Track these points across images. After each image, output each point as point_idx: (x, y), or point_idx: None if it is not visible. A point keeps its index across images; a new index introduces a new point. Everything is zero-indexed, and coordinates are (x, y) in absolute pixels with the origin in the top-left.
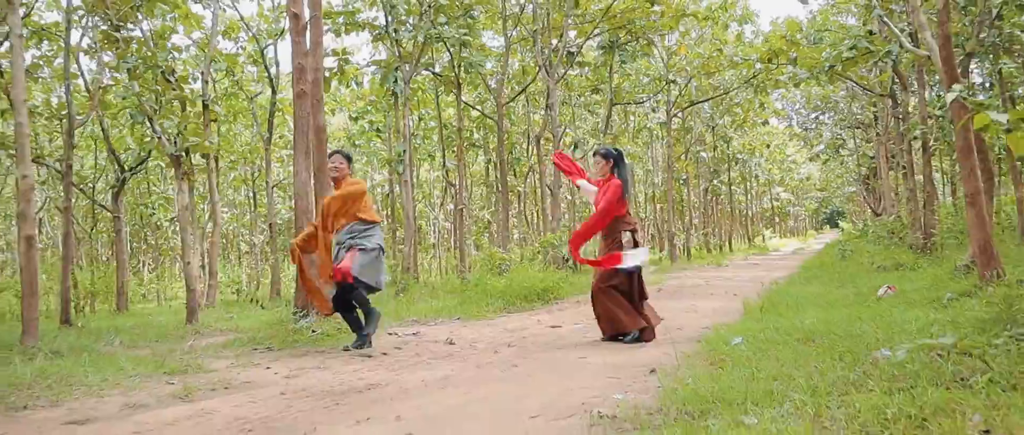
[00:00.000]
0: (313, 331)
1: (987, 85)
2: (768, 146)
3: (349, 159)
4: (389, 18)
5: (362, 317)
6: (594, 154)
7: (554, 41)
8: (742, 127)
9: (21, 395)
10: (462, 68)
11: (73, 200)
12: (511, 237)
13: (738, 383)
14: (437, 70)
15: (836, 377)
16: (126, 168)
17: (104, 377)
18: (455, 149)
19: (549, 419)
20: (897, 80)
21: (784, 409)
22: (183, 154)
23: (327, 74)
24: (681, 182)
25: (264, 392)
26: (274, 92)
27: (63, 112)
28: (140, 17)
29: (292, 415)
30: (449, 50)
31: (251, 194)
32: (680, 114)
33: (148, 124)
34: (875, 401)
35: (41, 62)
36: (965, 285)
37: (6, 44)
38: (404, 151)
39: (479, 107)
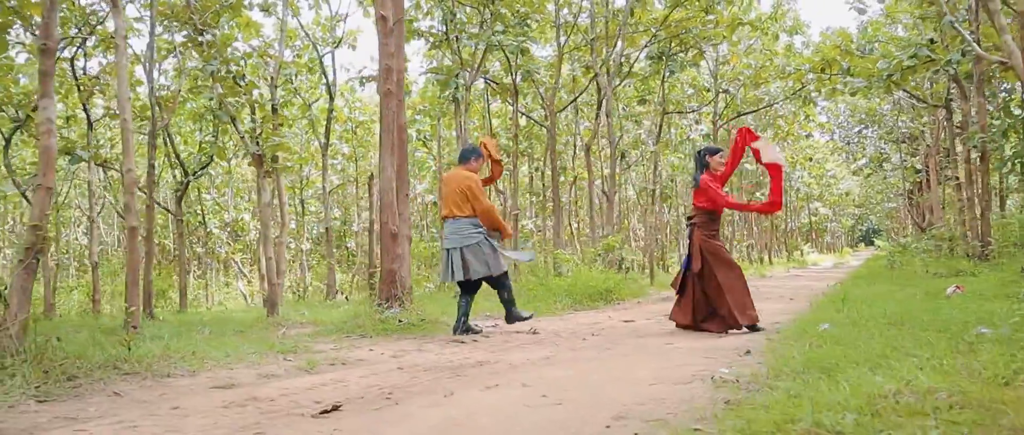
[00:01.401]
0: (400, 321)
1: None
2: (810, 159)
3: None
4: (445, 26)
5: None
6: (719, 152)
7: (606, 50)
8: (785, 140)
9: (160, 366)
10: (519, 76)
11: (135, 204)
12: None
13: (849, 352)
14: (491, 78)
15: (945, 345)
16: (189, 172)
17: (226, 354)
18: (509, 155)
19: (669, 385)
20: (956, 89)
21: (908, 365)
22: (263, 154)
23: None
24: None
25: (381, 367)
26: (332, 99)
27: (146, 113)
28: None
29: (422, 383)
30: (508, 58)
31: (299, 202)
32: (725, 125)
33: (232, 125)
34: (996, 357)
35: (108, 70)
36: None
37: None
38: None
39: (529, 115)
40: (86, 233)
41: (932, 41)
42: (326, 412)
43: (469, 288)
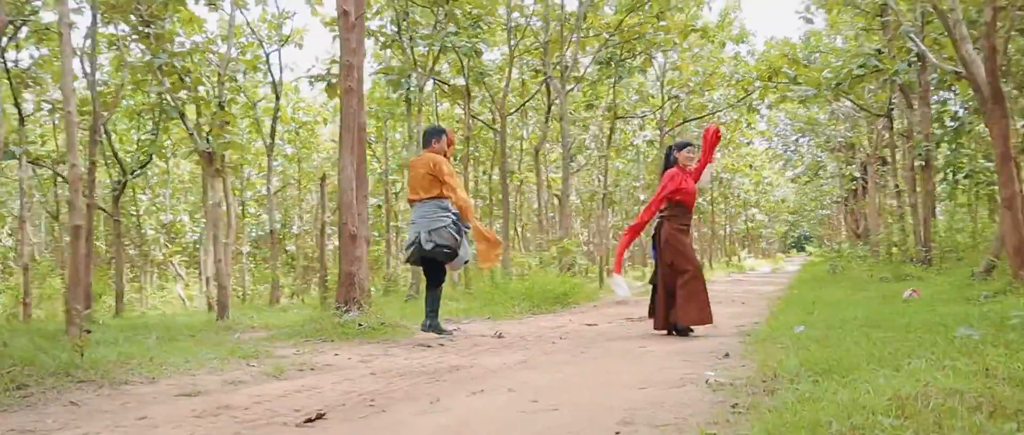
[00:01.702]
0: (360, 325)
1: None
2: (751, 166)
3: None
4: (397, 26)
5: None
6: (688, 146)
7: (558, 53)
8: (726, 147)
9: (116, 372)
10: (471, 78)
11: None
12: (510, 246)
13: (842, 355)
14: (441, 79)
15: (945, 347)
16: (128, 171)
17: (185, 359)
18: (459, 158)
19: (661, 388)
20: (899, 98)
21: (917, 367)
22: (213, 152)
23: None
24: None
25: (352, 372)
26: (278, 98)
27: (85, 108)
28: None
29: (401, 389)
30: (461, 59)
31: (239, 204)
32: (670, 132)
33: (181, 120)
34: (1004, 357)
35: (40, 63)
36: (996, 286)
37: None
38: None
39: (478, 117)
40: (11, 234)
41: (880, 51)
42: (310, 421)
43: (432, 281)
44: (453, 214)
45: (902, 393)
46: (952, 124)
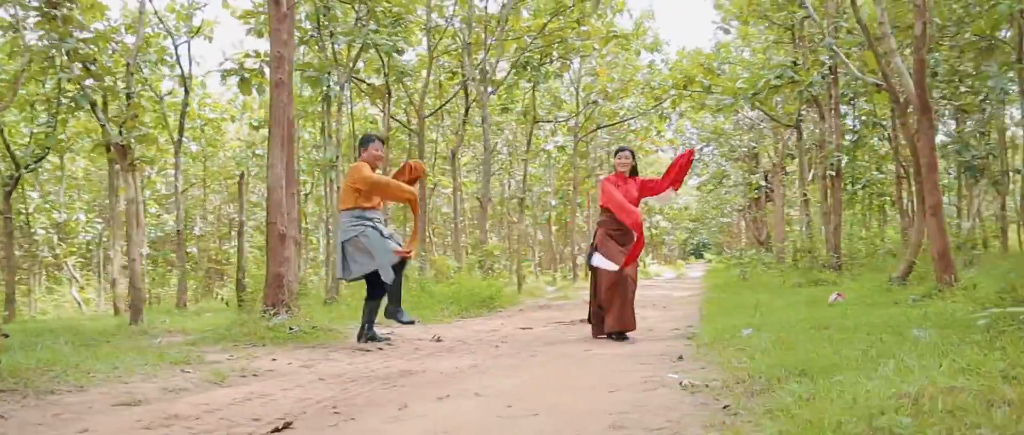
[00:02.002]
0: (290, 329)
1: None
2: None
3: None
4: (317, 22)
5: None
6: (622, 151)
7: (479, 56)
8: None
9: (40, 381)
10: (391, 77)
11: None
12: (429, 250)
13: (812, 356)
14: (360, 78)
15: (910, 347)
16: (21, 166)
17: (113, 366)
18: None
19: (633, 392)
20: (807, 109)
21: (890, 368)
22: (127, 145)
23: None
24: (576, 205)
25: (300, 378)
26: (187, 93)
27: None
28: None
29: (362, 396)
30: (381, 57)
31: (140, 202)
32: (582, 138)
33: (92, 111)
34: (976, 359)
35: None
36: (921, 290)
37: None
38: (336, 157)
39: (396, 118)
40: None
41: (795, 63)
42: (277, 431)
43: (372, 293)
44: (370, 222)
45: (902, 392)
46: (850, 137)
